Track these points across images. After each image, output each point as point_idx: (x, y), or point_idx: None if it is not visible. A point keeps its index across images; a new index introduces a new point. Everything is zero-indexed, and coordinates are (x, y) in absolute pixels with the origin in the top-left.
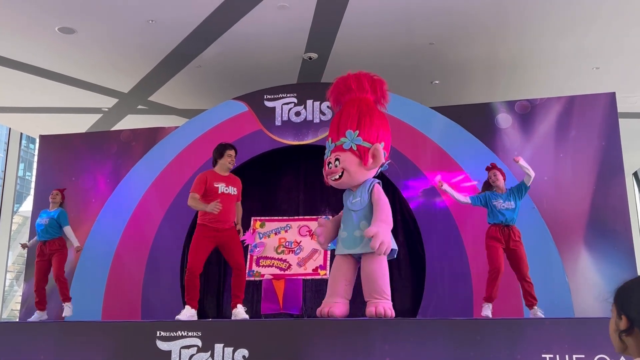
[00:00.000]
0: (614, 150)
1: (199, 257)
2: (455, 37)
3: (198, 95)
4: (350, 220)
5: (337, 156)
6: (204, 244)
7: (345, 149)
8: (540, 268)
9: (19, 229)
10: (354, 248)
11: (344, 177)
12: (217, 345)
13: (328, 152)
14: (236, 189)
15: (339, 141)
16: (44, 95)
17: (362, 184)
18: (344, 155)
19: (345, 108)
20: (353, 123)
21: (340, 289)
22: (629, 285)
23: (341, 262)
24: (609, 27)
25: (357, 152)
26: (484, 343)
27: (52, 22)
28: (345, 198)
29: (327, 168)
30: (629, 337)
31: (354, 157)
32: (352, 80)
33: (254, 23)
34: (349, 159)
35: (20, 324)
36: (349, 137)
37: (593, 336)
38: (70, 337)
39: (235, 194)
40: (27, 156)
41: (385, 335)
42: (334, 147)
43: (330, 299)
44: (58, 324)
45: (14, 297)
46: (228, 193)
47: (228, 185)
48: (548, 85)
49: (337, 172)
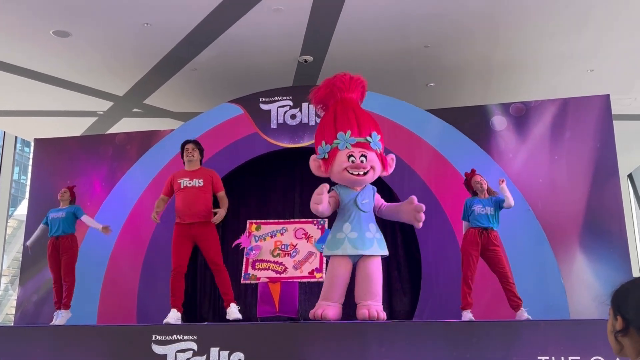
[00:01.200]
0: (609, 152)
1: (180, 255)
2: (450, 40)
3: (193, 98)
4: (359, 221)
5: (363, 152)
6: (180, 242)
7: (372, 149)
8: (535, 270)
9: (14, 232)
10: (364, 249)
11: (369, 175)
12: (212, 349)
13: (346, 144)
14: (202, 180)
15: (363, 138)
16: (39, 98)
17: (365, 187)
18: (371, 154)
19: (356, 107)
20: (373, 125)
21: (336, 293)
22: (626, 286)
23: (340, 263)
24: (602, 29)
25: (380, 156)
26: (480, 345)
27: (47, 25)
28: (348, 196)
29: (346, 160)
30: (625, 338)
31: (378, 159)
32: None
33: (249, 26)
34: (376, 160)
35: (15, 328)
36: (374, 138)
37: (589, 338)
38: (65, 341)
39: (201, 185)
40: (22, 160)
41: (382, 338)
42: (355, 142)
43: (324, 301)
44: (53, 328)
45: (9, 301)
46: (192, 186)
47: (192, 178)
48: (543, 88)
49: (366, 167)
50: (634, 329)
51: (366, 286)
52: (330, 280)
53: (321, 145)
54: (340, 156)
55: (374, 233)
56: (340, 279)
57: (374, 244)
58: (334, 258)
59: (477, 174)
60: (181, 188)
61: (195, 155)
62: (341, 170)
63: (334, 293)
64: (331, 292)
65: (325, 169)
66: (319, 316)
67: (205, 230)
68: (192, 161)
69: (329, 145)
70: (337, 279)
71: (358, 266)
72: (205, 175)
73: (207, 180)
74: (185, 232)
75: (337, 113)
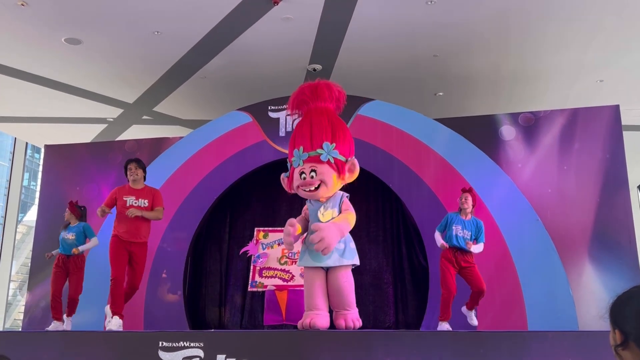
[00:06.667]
0: (618, 163)
1: (119, 265)
2: (459, 49)
3: (203, 106)
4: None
5: (313, 167)
6: (120, 253)
7: (323, 161)
8: (544, 281)
9: (23, 238)
10: (321, 261)
11: (321, 190)
12: (219, 356)
13: (299, 161)
14: (147, 201)
15: (314, 151)
16: (50, 105)
17: (332, 196)
18: (321, 167)
19: (314, 117)
20: (328, 135)
21: (319, 300)
22: (621, 298)
23: (312, 274)
24: (613, 40)
25: (335, 164)
26: (488, 356)
27: (58, 32)
28: (311, 208)
29: (299, 178)
30: (626, 351)
31: (331, 169)
32: (322, 88)
33: (258, 34)
34: (326, 171)
35: (23, 334)
36: (325, 149)
37: (597, 349)
38: (72, 347)
39: (146, 206)
40: (32, 166)
41: (388, 347)
42: (307, 157)
43: (310, 311)
44: (61, 334)
45: (17, 306)
46: (138, 206)
47: (138, 198)
48: (552, 98)
49: (314, 183)
50: (633, 342)
51: (337, 297)
52: (307, 290)
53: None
54: (295, 174)
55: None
56: (315, 288)
57: (333, 255)
58: (306, 268)
59: (467, 193)
60: (127, 206)
61: (139, 174)
62: (296, 188)
63: (315, 301)
64: (312, 301)
65: (289, 187)
66: (307, 325)
67: (141, 251)
68: (136, 180)
69: (289, 163)
70: (313, 288)
71: (328, 276)
72: (150, 195)
73: (150, 200)
74: (123, 246)
75: (296, 128)
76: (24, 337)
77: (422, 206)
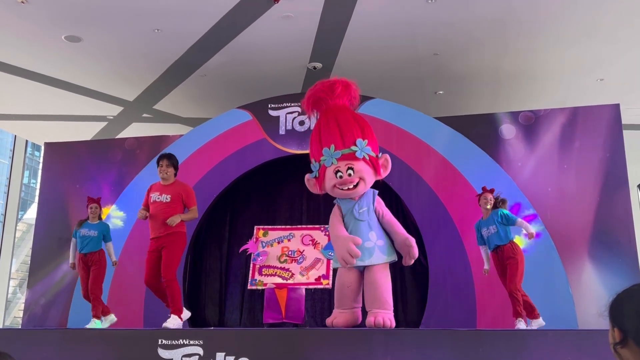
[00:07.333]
0: (619, 161)
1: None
2: (460, 48)
3: (203, 104)
4: (358, 230)
5: (349, 165)
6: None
7: (358, 158)
8: (543, 279)
9: (23, 235)
10: (362, 260)
11: (359, 187)
12: (218, 354)
13: (332, 160)
14: (170, 196)
15: (347, 149)
16: (50, 102)
17: (365, 193)
18: (357, 164)
19: (338, 115)
20: (357, 131)
21: (347, 299)
22: (621, 296)
23: (344, 273)
24: (612, 38)
25: (370, 162)
26: (487, 354)
27: (58, 30)
28: (346, 206)
29: (334, 177)
30: (625, 350)
31: (368, 166)
32: (340, 86)
33: (259, 33)
34: (364, 168)
35: (22, 331)
36: (359, 145)
37: (597, 348)
38: (72, 345)
39: (168, 201)
40: (32, 163)
41: (387, 345)
42: (340, 155)
43: (337, 309)
44: (60, 332)
45: (17, 304)
46: (160, 201)
47: (161, 193)
48: (552, 97)
49: (353, 181)
50: (632, 340)
51: (372, 295)
52: (338, 289)
53: (312, 164)
54: (328, 173)
55: (374, 241)
56: (346, 288)
57: (373, 253)
58: (340, 268)
59: (487, 192)
60: (151, 202)
61: (169, 172)
62: (331, 188)
63: (343, 300)
64: (340, 300)
65: (319, 188)
66: (329, 323)
67: (167, 241)
68: (165, 179)
69: (317, 163)
70: (344, 287)
71: (364, 274)
72: (175, 190)
73: (175, 196)
74: (153, 247)
75: (321, 126)
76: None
77: (422, 205)
